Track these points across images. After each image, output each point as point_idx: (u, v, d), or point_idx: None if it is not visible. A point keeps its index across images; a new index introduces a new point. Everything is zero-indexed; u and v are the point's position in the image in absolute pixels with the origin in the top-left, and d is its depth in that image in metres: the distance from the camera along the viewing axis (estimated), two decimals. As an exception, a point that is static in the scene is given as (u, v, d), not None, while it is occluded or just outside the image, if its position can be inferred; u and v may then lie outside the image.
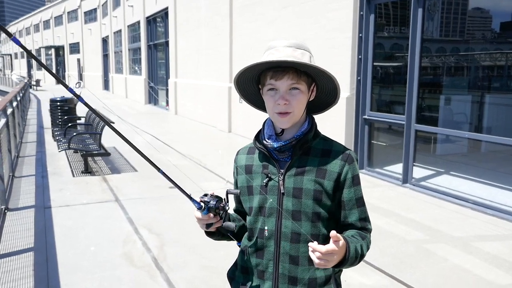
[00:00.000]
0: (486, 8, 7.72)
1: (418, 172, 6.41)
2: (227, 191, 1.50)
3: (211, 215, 1.44)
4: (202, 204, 1.43)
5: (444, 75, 8.72)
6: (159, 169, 1.44)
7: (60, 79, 1.27)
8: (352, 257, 1.34)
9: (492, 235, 4.51)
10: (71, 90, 1.34)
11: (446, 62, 8.57)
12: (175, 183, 1.46)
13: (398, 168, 6.52)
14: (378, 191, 6.04)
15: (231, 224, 1.48)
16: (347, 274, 3.55)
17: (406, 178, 6.23)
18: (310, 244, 1.27)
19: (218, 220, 1.47)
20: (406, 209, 5.25)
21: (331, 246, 1.25)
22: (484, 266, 3.79)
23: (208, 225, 1.47)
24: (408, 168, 6.20)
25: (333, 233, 1.26)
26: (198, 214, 1.45)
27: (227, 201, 1.48)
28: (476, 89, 8.10)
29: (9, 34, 1.21)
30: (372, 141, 7.06)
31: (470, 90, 8.20)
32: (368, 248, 1.46)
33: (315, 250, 1.25)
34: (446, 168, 7.06)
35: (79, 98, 1.36)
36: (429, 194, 5.78)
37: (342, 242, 1.28)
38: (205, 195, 1.46)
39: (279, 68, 1.42)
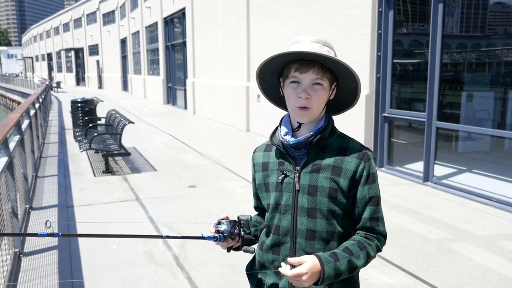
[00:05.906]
0: (507, 2, 7.55)
1: (439, 170, 6.31)
2: (238, 217, 1.58)
3: (230, 240, 1.52)
4: (217, 235, 1.50)
5: (465, 71, 8.56)
6: (162, 236, 1.62)
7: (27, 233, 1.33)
8: (331, 276, 1.34)
9: (517, 233, 4.42)
10: (43, 235, 1.38)
11: (467, 58, 8.41)
12: (182, 236, 1.64)
13: (419, 166, 6.43)
14: (398, 189, 5.97)
15: (250, 249, 1.57)
16: (368, 273, 3.53)
17: (427, 176, 6.14)
18: (279, 268, 1.35)
19: (237, 242, 1.55)
20: (428, 208, 5.18)
21: (295, 270, 1.31)
22: (509, 265, 3.72)
23: (229, 248, 1.57)
24: (429, 166, 6.12)
25: (290, 259, 1.35)
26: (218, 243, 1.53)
27: (241, 226, 1.56)
28: (499, 85, 7.94)
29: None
30: (392, 139, 6.98)
31: (492, 86, 8.04)
32: (369, 256, 1.43)
33: (283, 274, 1.33)
34: (469, 166, 6.94)
35: (55, 234, 1.39)
36: (451, 193, 5.69)
37: (308, 264, 1.32)
38: (219, 223, 1.53)
39: (305, 62, 1.42)
